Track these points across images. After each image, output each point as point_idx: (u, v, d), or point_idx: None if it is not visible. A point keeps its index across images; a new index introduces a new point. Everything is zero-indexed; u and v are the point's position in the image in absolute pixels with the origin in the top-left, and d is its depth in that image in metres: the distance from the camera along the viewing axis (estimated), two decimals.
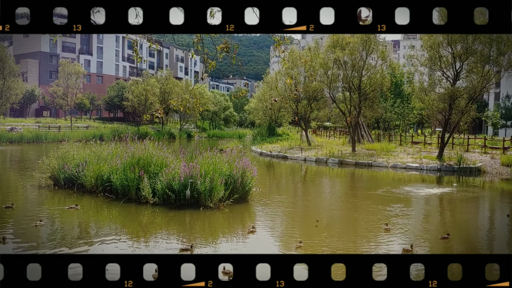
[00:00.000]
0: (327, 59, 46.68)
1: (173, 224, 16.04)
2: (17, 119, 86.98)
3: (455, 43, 35.48)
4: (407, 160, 38.20)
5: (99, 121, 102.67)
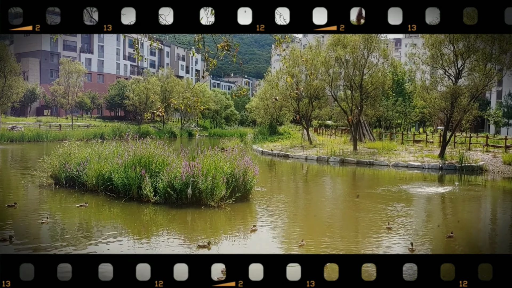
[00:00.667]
0: (328, 58, 46.58)
1: (174, 223, 16.00)
2: (18, 118, 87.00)
3: (457, 41, 35.38)
4: (409, 158, 38.12)
5: (100, 120, 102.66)
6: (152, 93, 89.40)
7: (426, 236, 14.83)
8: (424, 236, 14.78)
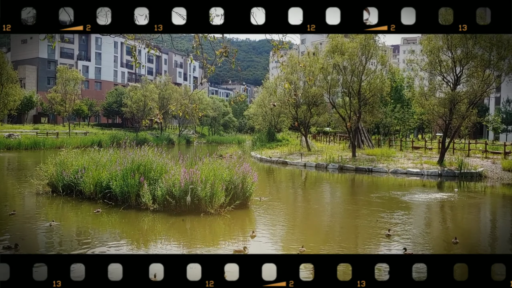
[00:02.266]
0: (326, 64, 46.53)
1: (173, 230, 15.86)
2: (15, 126, 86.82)
3: (455, 48, 35.36)
4: (408, 165, 38.01)
5: (98, 127, 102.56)
6: (150, 100, 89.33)
7: (426, 244, 14.69)
8: (424, 244, 14.62)
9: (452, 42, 34.91)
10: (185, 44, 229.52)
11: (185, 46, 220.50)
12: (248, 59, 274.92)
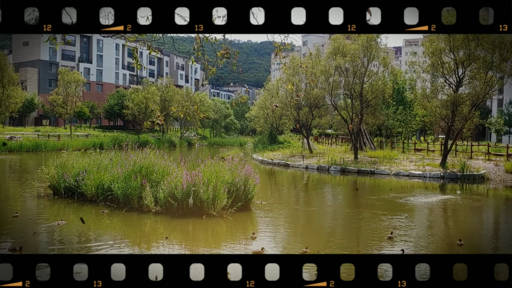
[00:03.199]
0: (328, 66, 46.48)
1: (176, 232, 15.80)
2: (16, 128, 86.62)
3: (458, 49, 35.24)
4: (410, 167, 37.91)
5: (99, 130, 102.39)
6: (151, 102, 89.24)
7: (430, 246, 14.58)
8: (427, 247, 14.52)
9: (454, 43, 34.79)
10: (186, 46, 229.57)
11: (187, 48, 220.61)
12: (249, 61, 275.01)
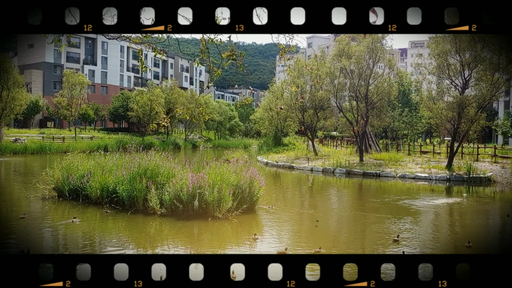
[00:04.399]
0: (333, 68, 46.38)
1: (181, 235, 15.76)
2: (21, 130, 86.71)
3: (464, 51, 35.09)
4: (416, 170, 37.71)
5: (104, 132, 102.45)
6: (156, 104, 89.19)
7: (438, 249, 14.43)
8: (434, 249, 14.37)
9: (460, 45, 34.67)
10: (191, 49, 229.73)
11: (191, 50, 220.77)
12: (254, 63, 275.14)
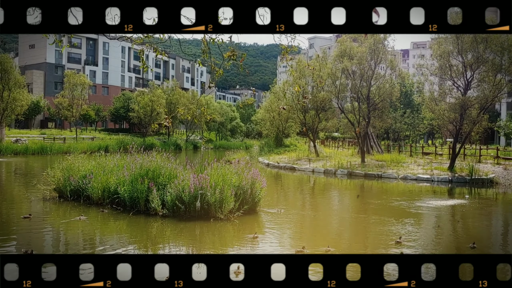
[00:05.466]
0: (335, 69, 46.26)
1: (183, 236, 15.71)
2: (22, 131, 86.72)
3: (466, 52, 34.98)
4: (418, 171, 37.59)
5: (105, 133, 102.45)
6: (157, 105, 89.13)
7: (437, 250, 14.33)
8: (435, 251, 14.27)
9: (463, 46, 34.56)
10: (192, 49, 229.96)
11: (193, 51, 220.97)
12: (255, 64, 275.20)
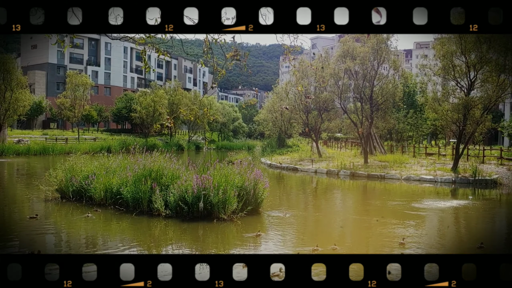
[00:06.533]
0: (337, 69, 46.12)
1: (186, 236, 15.69)
2: (24, 131, 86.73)
3: (469, 52, 34.80)
4: (421, 172, 37.45)
5: (107, 133, 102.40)
6: (159, 106, 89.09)
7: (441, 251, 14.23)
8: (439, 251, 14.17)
9: (466, 46, 34.38)
10: (194, 50, 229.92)
11: (195, 51, 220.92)
12: (258, 64, 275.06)
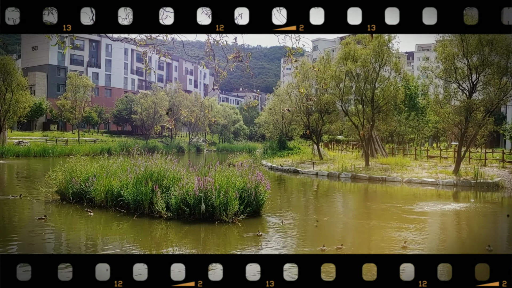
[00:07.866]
0: (339, 72, 45.96)
1: (187, 238, 15.63)
2: (24, 133, 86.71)
3: (471, 55, 34.68)
4: (423, 175, 37.31)
5: (107, 135, 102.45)
6: (160, 107, 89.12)
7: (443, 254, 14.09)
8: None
9: (468, 49, 34.28)
10: (195, 51, 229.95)
11: (196, 53, 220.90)
12: (259, 66, 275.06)
